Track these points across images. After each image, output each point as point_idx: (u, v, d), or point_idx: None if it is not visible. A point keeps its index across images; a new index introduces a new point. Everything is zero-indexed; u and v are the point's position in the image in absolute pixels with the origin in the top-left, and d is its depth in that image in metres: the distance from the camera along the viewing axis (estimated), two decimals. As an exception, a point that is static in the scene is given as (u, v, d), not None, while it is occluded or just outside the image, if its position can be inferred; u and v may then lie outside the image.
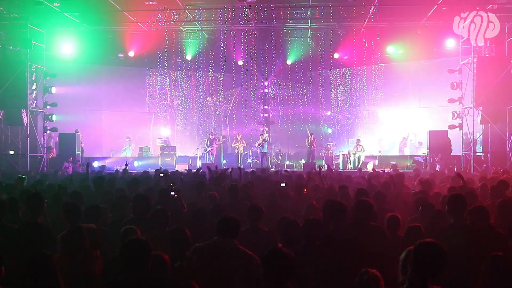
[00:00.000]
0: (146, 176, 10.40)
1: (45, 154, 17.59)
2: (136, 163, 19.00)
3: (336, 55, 20.79)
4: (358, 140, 19.49)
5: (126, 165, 12.27)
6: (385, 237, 4.62)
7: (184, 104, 23.76)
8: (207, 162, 18.86)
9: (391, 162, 16.49)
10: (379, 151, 20.67)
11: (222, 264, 3.81)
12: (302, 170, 16.43)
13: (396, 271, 3.18)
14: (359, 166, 17.36)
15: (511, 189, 6.98)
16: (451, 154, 17.08)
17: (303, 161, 19.94)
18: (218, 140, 20.92)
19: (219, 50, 20.68)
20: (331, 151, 21.03)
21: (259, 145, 19.34)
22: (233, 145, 20.62)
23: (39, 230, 4.70)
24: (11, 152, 17.22)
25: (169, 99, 23.60)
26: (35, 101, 17.59)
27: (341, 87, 23.11)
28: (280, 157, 21.06)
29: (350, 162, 18.71)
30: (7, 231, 4.67)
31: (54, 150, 19.04)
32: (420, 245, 2.81)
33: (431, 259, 2.74)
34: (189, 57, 21.35)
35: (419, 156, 18.84)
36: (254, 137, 21.49)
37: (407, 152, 20.36)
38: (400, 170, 13.44)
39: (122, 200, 5.91)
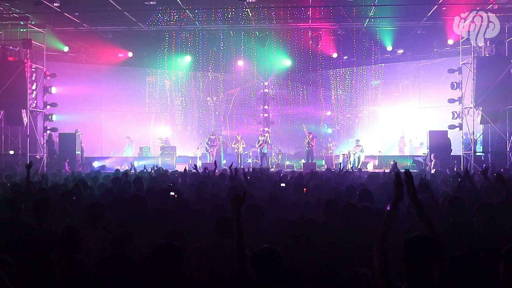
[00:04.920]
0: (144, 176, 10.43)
1: (45, 154, 17.59)
2: (136, 163, 18.97)
3: (335, 55, 20.81)
4: (357, 141, 19.57)
5: (132, 165, 12.66)
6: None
7: (184, 104, 23.75)
8: (207, 162, 18.86)
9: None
10: (379, 151, 20.68)
11: (220, 264, 3.81)
12: (302, 170, 16.43)
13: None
14: (358, 166, 17.37)
15: None
16: (451, 154, 17.08)
17: (303, 161, 19.94)
18: (219, 140, 20.93)
19: (219, 50, 20.69)
20: (331, 151, 21.03)
21: (259, 146, 19.36)
22: (232, 146, 20.63)
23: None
24: (11, 152, 17.22)
25: (169, 99, 23.58)
26: (35, 101, 17.60)
27: (341, 87, 23.10)
28: (280, 157, 21.06)
29: (350, 162, 18.71)
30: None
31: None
32: (408, 240, 2.76)
33: (422, 252, 2.69)
34: (189, 57, 21.35)
35: (419, 156, 18.85)
36: (254, 137, 21.47)
37: (407, 152, 20.38)
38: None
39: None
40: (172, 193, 6.50)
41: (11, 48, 16.98)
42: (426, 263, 2.67)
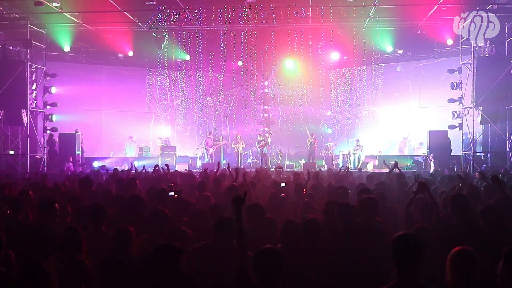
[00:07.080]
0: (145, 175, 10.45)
1: (45, 154, 17.59)
2: (136, 163, 18.97)
3: (335, 55, 20.79)
4: (358, 141, 19.60)
5: (132, 165, 12.76)
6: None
7: (184, 104, 23.74)
8: (206, 162, 18.96)
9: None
10: (379, 151, 20.67)
11: (220, 264, 3.81)
12: (302, 170, 16.42)
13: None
14: (358, 166, 17.36)
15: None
16: (451, 154, 17.08)
17: (303, 161, 19.94)
18: (218, 141, 20.91)
19: (219, 50, 20.68)
20: (331, 151, 21.03)
21: (260, 146, 19.35)
22: (232, 146, 20.62)
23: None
24: (11, 152, 17.22)
25: (169, 99, 23.58)
26: (35, 101, 17.61)
27: (341, 87, 23.08)
28: (280, 157, 21.04)
29: (350, 162, 18.71)
30: None
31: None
32: (396, 239, 2.91)
33: (409, 250, 2.84)
34: (188, 57, 21.35)
35: (419, 156, 18.85)
36: (254, 137, 21.46)
37: (407, 152, 20.37)
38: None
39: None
40: (171, 193, 6.48)
41: (11, 48, 17.00)
42: (414, 261, 2.82)
